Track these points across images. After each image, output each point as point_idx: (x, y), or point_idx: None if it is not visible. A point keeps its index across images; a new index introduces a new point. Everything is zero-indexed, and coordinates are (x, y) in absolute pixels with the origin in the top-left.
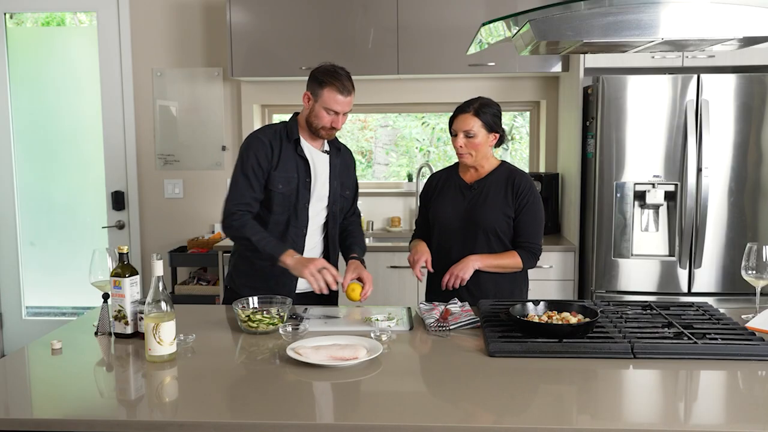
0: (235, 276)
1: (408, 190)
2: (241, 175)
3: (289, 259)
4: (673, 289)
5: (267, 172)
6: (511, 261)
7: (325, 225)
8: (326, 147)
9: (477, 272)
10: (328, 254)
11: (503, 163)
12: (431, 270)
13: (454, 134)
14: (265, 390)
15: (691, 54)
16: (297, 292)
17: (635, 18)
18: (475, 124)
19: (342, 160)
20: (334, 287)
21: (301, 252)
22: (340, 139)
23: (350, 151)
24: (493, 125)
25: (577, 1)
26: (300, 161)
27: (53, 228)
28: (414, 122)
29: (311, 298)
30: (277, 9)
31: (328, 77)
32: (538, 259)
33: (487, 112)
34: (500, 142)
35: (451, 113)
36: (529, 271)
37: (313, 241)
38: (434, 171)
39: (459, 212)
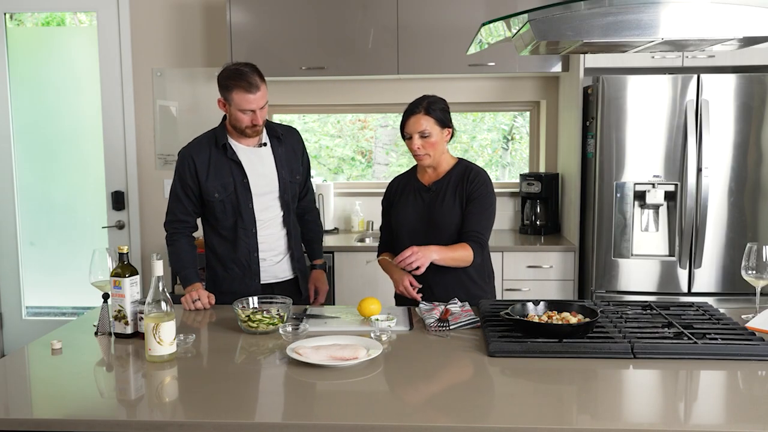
0: (208, 284)
1: None
2: (172, 194)
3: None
4: (673, 289)
5: (197, 187)
6: (464, 254)
7: (284, 218)
8: (264, 140)
9: (445, 275)
10: (292, 246)
11: (460, 161)
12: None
13: (408, 137)
14: (265, 390)
15: (691, 54)
16: (262, 282)
17: (635, 18)
18: (427, 123)
19: (286, 146)
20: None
21: (256, 249)
22: (339, 138)
23: (295, 131)
24: (445, 120)
25: (577, 1)
26: (233, 164)
27: (53, 228)
28: None
29: (271, 289)
30: (277, 9)
31: (231, 80)
32: (483, 252)
33: (437, 108)
34: (452, 136)
35: (451, 113)
36: (529, 272)
37: (274, 236)
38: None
39: (419, 216)
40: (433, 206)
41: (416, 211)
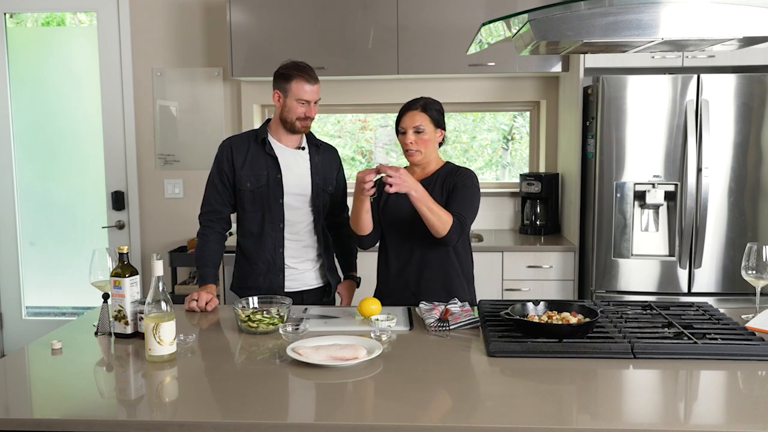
0: (234, 279)
1: None
2: (209, 183)
3: (201, 287)
4: (673, 289)
5: (232, 175)
6: (443, 215)
7: (315, 224)
8: (303, 144)
9: (426, 270)
10: (323, 254)
11: (448, 163)
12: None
13: (402, 132)
14: (265, 390)
15: (691, 54)
16: (286, 290)
17: (635, 18)
18: (423, 120)
19: (324, 156)
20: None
21: (282, 245)
22: (339, 138)
23: (334, 149)
24: (439, 121)
25: (577, 1)
26: (269, 159)
27: (53, 228)
28: None
29: (300, 296)
30: (277, 9)
31: (292, 70)
32: (460, 235)
33: (433, 108)
34: (442, 142)
35: (451, 113)
36: (529, 272)
37: (304, 242)
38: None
39: (407, 214)
40: None
41: (404, 209)
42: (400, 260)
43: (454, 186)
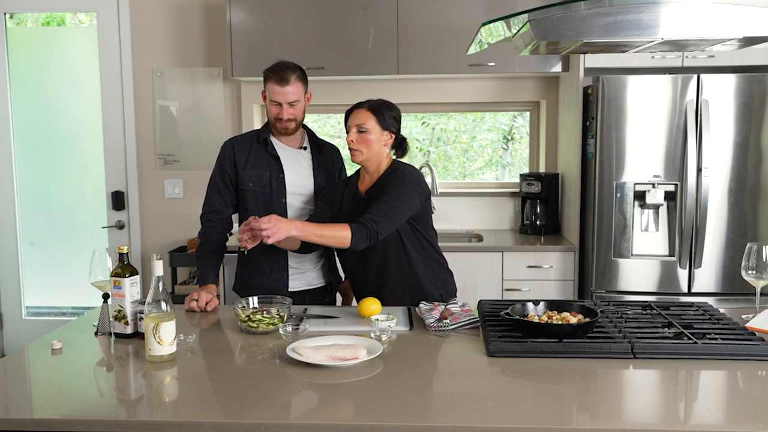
0: (238, 280)
1: None
2: (211, 183)
3: (201, 287)
4: (673, 289)
5: (234, 175)
6: (336, 233)
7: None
8: (305, 144)
9: (385, 280)
10: (325, 253)
11: (393, 161)
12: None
13: (348, 130)
14: (265, 390)
15: (691, 54)
16: (290, 290)
17: (635, 18)
18: (368, 119)
19: (326, 156)
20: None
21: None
22: (338, 138)
23: (336, 149)
24: (388, 124)
25: (577, 1)
26: (271, 159)
27: (53, 228)
28: (414, 122)
29: (303, 296)
30: (277, 9)
31: (268, 71)
32: (372, 239)
33: (383, 110)
34: (401, 150)
35: (451, 113)
36: (529, 272)
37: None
38: (427, 175)
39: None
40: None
41: (351, 220)
42: (361, 268)
43: (384, 188)
